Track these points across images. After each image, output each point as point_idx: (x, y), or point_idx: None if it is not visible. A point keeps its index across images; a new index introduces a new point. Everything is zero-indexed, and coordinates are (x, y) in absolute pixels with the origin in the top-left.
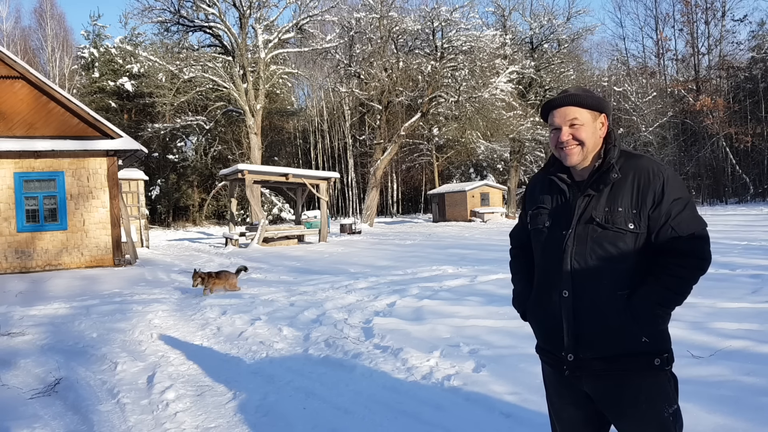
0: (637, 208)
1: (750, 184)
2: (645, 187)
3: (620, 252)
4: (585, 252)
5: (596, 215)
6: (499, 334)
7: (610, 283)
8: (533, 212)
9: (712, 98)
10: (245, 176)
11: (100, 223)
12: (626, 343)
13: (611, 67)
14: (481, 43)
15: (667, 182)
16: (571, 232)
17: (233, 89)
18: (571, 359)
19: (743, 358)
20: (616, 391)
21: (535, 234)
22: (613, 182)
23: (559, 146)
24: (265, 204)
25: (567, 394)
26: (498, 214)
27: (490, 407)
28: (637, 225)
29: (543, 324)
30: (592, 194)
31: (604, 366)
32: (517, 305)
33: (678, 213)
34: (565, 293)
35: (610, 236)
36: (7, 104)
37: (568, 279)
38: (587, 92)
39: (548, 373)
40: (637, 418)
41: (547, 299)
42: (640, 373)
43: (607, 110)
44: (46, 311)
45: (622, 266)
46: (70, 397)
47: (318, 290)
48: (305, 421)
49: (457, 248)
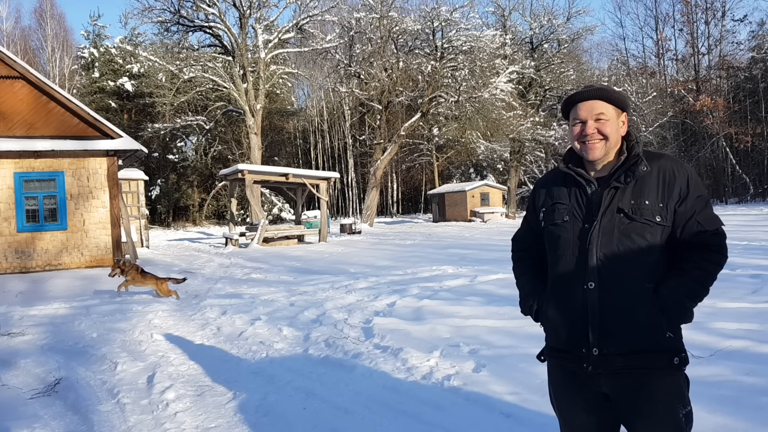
0: (663, 202)
1: (750, 184)
2: (671, 181)
3: (648, 244)
4: (611, 244)
5: (623, 206)
6: (499, 334)
7: (637, 275)
8: (548, 208)
9: (712, 98)
10: (245, 176)
11: (100, 223)
12: (651, 338)
13: (611, 67)
14: (481, 43)
15: (691, 179)
16: (596, 224)
17: (233, 89)
18: (596, 353)
19: (743, 358)
20: (634, 389)
21: (552, 230)
22: (639, 176)
23: (581, 139)
24: (265, 204)
25: (579, 400)
26: (498, 214)
27: (490, 407)
28: (663, 218)
29: (562, 321)
30: (618, 186)
31: (626, 363)
32: (527, 306)
33: (702, 209)
34: (591, 285)
35: (638, 228)
36: (7, 104)
37: (594, 272)
38: (614, 89)
39: (559, 379)
40: (653, 417)
41: (568, 295)
42: (659, 372)
43: (628, 110)
44: (46, 311)
45: (649, 259)
46: (70, 397)
47: (318, 290)
48: (305, 421)
49: (457, 248)
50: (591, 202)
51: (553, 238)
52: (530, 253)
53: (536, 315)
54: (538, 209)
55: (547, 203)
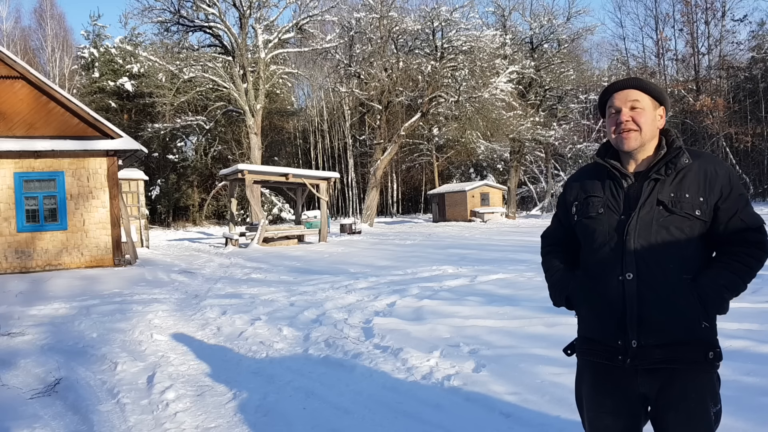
0: (704, 197)
1: (750, 184)
2: (713, 177)
3: (686, 237)
4: (650, 235)
5: (663, 198)
6: (499, 334)
7: (675, 267)
8: (582, 201)
9: (712, 98)
10: (245, 176)
11: (100, 223)
12: (688, 327)
13: (611, 67)
14: (481, 43)
15: (732, 177)
16: (635, 215)
17: (233, 89)
18: (634, 345)
19: (743, 358)
20: (669, 385)
21: (586, 223)
22: (681, 169)
23: (616, 130)
24: (265, 204)
25: (608, 402)
26: (498, 214)
27: (490, 407)
28: (703, 213)
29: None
30: (658, 178)
31: (663, 355)
32: (558, 292)
33: (744, 207)
34: (629, 276)
35: (677, 220)
36: (7, 104)
37: (632, 263)
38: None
39: (588, 379)
40: (686, 414)
41: (605, 286)
42: (694, 366)
43: (666, 104)
44: (46, 311)
45: (686, 252)
46: (70, 397)
47: (318, 290)
48: (305, 421)
49: (457, 248)
50: (628, 196)
51: (587, 231)
52: (560, 247)
53: (568, 303)
54: (569, 203)
55: (581, 197)
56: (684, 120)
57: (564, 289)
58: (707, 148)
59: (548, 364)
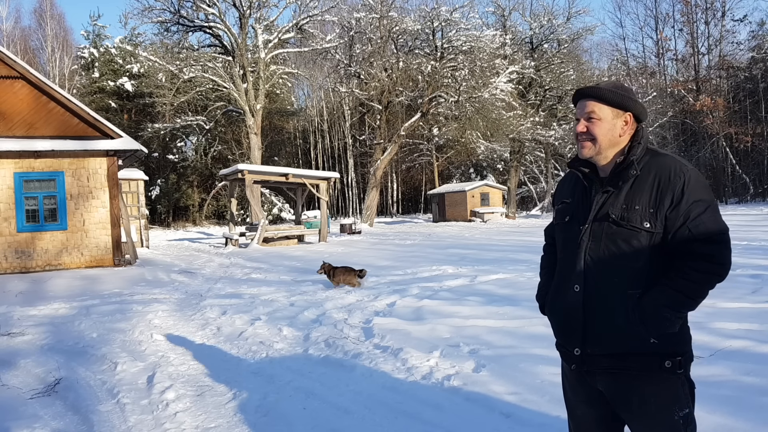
0: (654, 207)
1: (750, 184)
2: (665, 186)
3: (634, 250)
4: (599, 248)
5: (612, 212)
6: (499, 334)
7: (621, 281)
8: (559, 207)
9: (712, 98)
10: (245, 176)
11: (100, 223)
12: (633, 343)
13: (611, 67)
14: (481, 43)
15: (687, 183)
16: (587, 227)
17: (233, 89)
18: (577, 354)
19: (743, 358)
20: (626, 390)
21: (557, 228)
22: (633, 179)
23: (576, 138)
24: (265, 204)
25: (581, 391)
26: (498, 214)
27: (490, 407)
28: (653, 224)
29: (556, 318)
30: (610, 191)
31: (612, 363)
32: (538, 298)
33: (697, 215)
34: (577, 288)
35: (625, 234)
36: (7, 104)
37: (581, 274)
38: (616, 89)
39: (565, 370)
40: (646, 418)
41: (563, 294)
42: (650, 374)
43: (633, 108)
44: (46, 311)
45: (635, 265)
46: (70, 397)
47: (318, 290)
48: (305, 421)
49: (457, 248)
50: (589, 204)
51: (558, 236)
52: (553, 247)
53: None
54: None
55: (558, 201)
56: (684, 120)
57: (542, 296)
58: (707, 148)
59: (548, 364)
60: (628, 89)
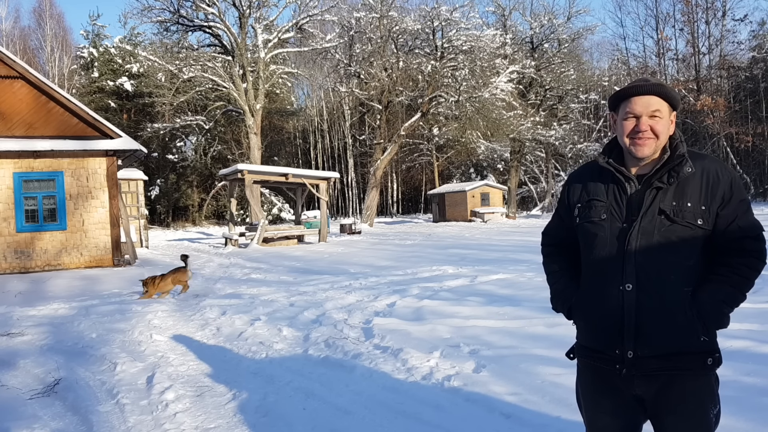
0: (706, 205)
1: (750, 184)
2: (714, 184)
3: (688, 247)
4: (651, 245)
5: (665, 207)
6: (500, 334)
7: (676, 279)
8: (584, 205)
9: (712, 98)
10: (245, 176)
11: (99, 223)
12: (686, 341)
13: (612, 67)
14: (481, 43)
15: (734, 182)
16: (636, 225)
17: (233, 89)
18: (630, 356)
19: (744, 358)
20: (667, 389)
21: (588, 228)
22: (683, 177)
23: (632, 135)
24: (265, 204)
25: (606, 403)
26: (498, 214)
27: (490, 407)
28: (705, 221)
29: (597, 321)
30: (661, 186)
31: (659, 364)
32: (560, 303)
33: (744, 214)
34: (629, 287)
35: (679, 230)
36: (6, 104)
37: (632, 273)
38: (670, 86)
39: (588, 380)
40: (684, 416)
41: (604, 295)
42: (693, 372)
43: (678, 109)
44: (45, 311)
45: (688, 262)
46: (70, 397)
47: (318, 290)
48: (305, 421)
49: (458, 248)
50: (631, 201)
51: (588, 236)
52: (561, 248)
53: (569, 313)
54: (572, 205)
55: (583, 199)
56: (685, 120)
57: (567, 301)
58: (708, 147)
59: (549, 365)
60: None
